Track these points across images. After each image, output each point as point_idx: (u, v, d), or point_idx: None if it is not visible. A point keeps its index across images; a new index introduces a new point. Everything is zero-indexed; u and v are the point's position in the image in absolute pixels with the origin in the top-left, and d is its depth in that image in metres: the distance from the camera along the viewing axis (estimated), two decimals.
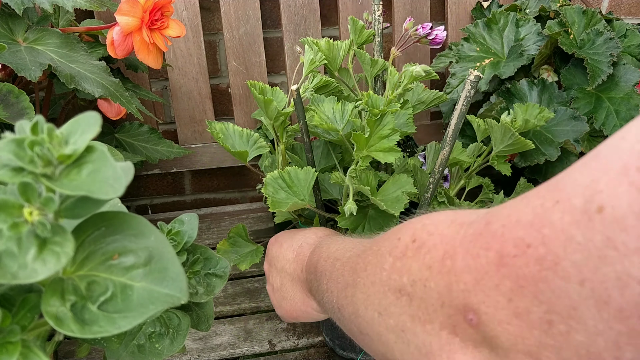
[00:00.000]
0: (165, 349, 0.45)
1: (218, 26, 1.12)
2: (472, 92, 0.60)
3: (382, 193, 0.66)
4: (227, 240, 0.79)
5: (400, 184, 0.66)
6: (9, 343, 0.29)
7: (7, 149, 0.26)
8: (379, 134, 0.63)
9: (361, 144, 0.63)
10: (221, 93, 1.18)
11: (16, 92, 0.65)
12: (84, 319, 0.28)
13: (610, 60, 0.87)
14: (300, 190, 0.68)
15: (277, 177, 0.67)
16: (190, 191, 1.27)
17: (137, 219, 0.32)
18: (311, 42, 0.73)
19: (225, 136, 0.76)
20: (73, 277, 0.30)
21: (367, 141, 0.63)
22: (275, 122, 0.72)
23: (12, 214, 0.27)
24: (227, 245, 0.79)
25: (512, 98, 0.92)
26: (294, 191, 0.67)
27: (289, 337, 0.85)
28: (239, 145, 0.76)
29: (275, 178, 0.67)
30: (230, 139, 0.76)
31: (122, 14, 0.71)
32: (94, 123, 0.28)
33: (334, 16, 1.15)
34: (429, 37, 0.68)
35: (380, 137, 0.63)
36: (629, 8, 1.26)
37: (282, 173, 0.67)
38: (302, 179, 0.68)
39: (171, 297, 0.29)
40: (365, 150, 0.63)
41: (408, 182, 0.65)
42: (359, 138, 0.62)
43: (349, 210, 0.64)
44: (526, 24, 0.96)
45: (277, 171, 0.67)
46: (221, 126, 0.76)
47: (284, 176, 0.67)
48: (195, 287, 0.48)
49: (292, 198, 0.67)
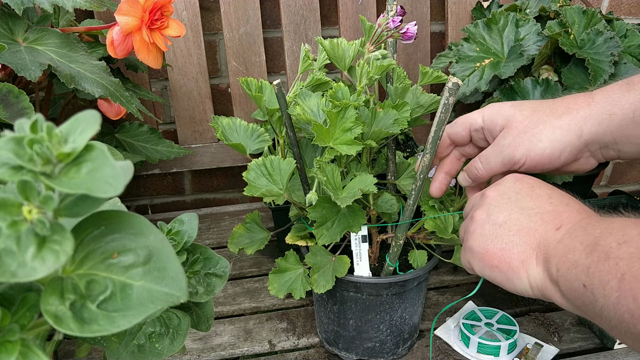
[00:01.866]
0: (165, 348, 0.44)
1: (218, 26, 1.12)
2: (452, 100, 0.58)
3: (347, 189, 0.67)
4: (243, 225, 0.83)
5: (364, 182, 0.66)
6: (8, 342, 0.29)
7: (6, 148, 0.26)
8: (342, 126, 0.64)
9: (323, 135, 0.64)
10: (221, 93, 1.18)
11: (16, 92, 0.65)
12: (83, 318, 0.28)
13: (611, 60, 0.87)
14: (279, 179, 0.69)
15: (261, 164, 0.69)
16: (190, 191, 1.27)
17: (137, 218, 0.32)
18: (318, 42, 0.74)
19: (231, 130, 0.78)
20: (72, 275, 0.30)
21: (329, 133, 0.64)
22: (272, 118, 0.73)
23: (12, 212, 0.27)
24: (243, 229, 0.83)
25: (515, 96, 0.92)
26: (274, 180, 0.69)
27: (289, 337, 0.85)
28: (242, 138, 0.78)
29: (259, 165, 0.69)
30: (235, 134, 0.78)
31: (122, 13, 0.71)
32: (93, 122, 0.28)
33: (334, 16, 1.15)
34: (400, 31, 0.68)
35: (343, 129, 0.64)
36: (629, 8, 1.26)
37: (265, 160, 0.69)
38: (283, 169, 0.69)
39: (171, 296, 0.29)
40: (330, 142, 0.64)
41: (371, 182, 0.66)
42: (319, 129, 0.63)
43: (309, 200, 0.66)
44: (526, 24, 0.96)
45: (261, 158, 0.69)
46: (228, 121, 0.79)
47: (266, 164, 0.69)
48: (195, 287, 0.48)
49: (271, 186, 0.69)
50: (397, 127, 0.68)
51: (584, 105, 0.58)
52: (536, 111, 0.59)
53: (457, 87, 0.57)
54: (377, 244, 0.78)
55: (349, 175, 0.73)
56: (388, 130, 0.68)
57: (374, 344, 0.77)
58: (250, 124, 0.80)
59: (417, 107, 0.74)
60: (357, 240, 0.73)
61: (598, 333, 0.82)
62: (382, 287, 0.72)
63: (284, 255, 0.76)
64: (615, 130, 0.56)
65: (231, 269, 1.00)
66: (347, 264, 0.71)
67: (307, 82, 0.76)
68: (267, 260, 1.03)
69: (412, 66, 1.17)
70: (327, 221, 0.68)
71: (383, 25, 0.67)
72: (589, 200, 0.99)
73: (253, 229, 0.84)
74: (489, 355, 0.78)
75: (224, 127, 0.78)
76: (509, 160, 0.59)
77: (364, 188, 0.65)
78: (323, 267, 0.72)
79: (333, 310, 0.77)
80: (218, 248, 1.08)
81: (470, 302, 0.90)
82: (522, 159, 0.58)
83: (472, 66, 0.95)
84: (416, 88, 0.74)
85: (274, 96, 0.76)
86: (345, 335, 0.78)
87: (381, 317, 0.75)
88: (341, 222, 0.68)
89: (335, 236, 0.68)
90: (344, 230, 0.68)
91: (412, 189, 0.67)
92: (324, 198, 0.67)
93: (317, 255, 0.72)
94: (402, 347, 0.80)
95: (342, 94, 0.67)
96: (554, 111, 0.58)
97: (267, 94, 0.78)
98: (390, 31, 0.67)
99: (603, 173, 1.48)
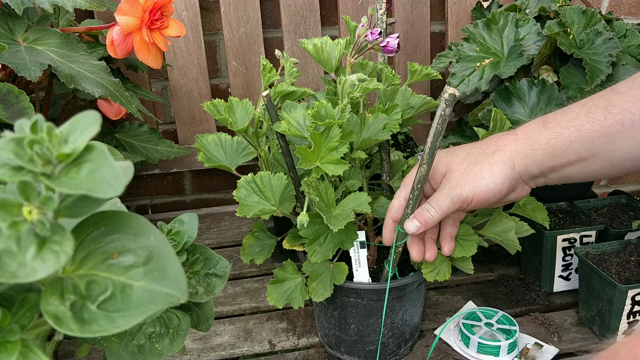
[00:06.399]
0: (165, 349, 0.44)
1: (218, 26, 1.12)
2: (448, 111, 0.58)
3: (340, 207, 0.66)
4: (252, 235, 0.83)
5: (358, 201, 0.66)
6: (8, 342, 0.29)
7: (6, 148, 0.26)
8: (328, 146, 0.62)
9: (308, 156, 0.62)
10: (221, 93, 1.18)
11: (16, 92, 0.65)
12: (84, 318, 0.28)
13: (609, 60, 0.87)
14: (271, 195, 0.68)
15: (250, 180, 0.68)
16: (190, 191, 1.27)
17: (137, 218, 0.32)
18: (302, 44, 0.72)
19: (217, 147, 0.75)
20: (72, 276, 0.30)
21: (315, 153, 0.62)
22: (247, 134, 0.71)
23: (12, 213, 0.27)
24: (252, 239, 0.83)
25: (511, 97, 0.92)
26: (266, 196, 0.68)
27: (289, 337, 0.85)
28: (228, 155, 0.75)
29: (249, 182, 0.68)
30: (221, 150, 0.75)
31: (122, 13, 0.71)
32: (93, 122, 0.28)
33: (334, 16, 1.15)
34: (381, 44, 0.67)
35: (329, 149, 0.62)
36: (629, 8, 1.26)
37: (255, 177, 0.68)
38: (274, 185, 0.68)
39: (171, 296, 0.29)
40: (317, 162, 0.62)
41: (365, 202, 0.65)
42: (304, 152, 0.61)
43: (300, 222, 0.64)
44: (526, 24, 0.96)
45: (250, 175, 0.68)
46: (214, 137, 0.75)
47: (256, 180, 0.68)
48: (195, 287, 0.48)
49: (263, 202, 0.67)
50: (387, 133, 0.67)
51: (510, 142, 0.64)
52: (470, 153, 0.65)
53: (454, 98, 0.57)
54: (375, 247, 0.78)
55: (341, 186, 0.71)
56: (378, 137, 0.66)
57: (376, 346, 0.77)
58: (235, 138, 0.76)
59: (407, 109, 0.73)
60: (356, 247, 0.72)
61: (598, 333, 0.82)
62: (383, 292, 0.71)
63: (288, 258, 0.75)
64: (540, 162, 0.63)
65: (231, 269, 1.00)
66: (345, 271, 0.70)
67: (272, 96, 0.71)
68: (267, 260, 1.02)
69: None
70: (320, 237, 0.67)
71: (362, 38, 0.66)
72: (589, 200, 0.99)
73: (261, 236, 0.83)
74: (489, 355, 0.78)
75: (209, 144, 0.75)
76: (458, 199, 0.63)
77: (357, 208, 0.64)
78: (321, 275, 0.71)
79: (334, 315, 0.77)
80: (218, 248, 1.08)
81: (470, 302, 0.90)
82: (470, 196, 0.63)
83: (472, 66, 0.95)
84: (405, 89, 0.73)
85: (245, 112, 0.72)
86: (347, 340, 0.78)
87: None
88: (334, 238, 0.67)
89: (327, 252, 0.67)
90: (337, 247, 0.67)
91: (410, 198, 0.66)
92: (315, 214, 0.66)
93: (315, 263, 0.71)
94: (403, 347, 0.80)
95: (325, 111, 0.64)
96: (486, 151, 0.65)
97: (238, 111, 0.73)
98: (370, 43, 0.67)
99: None
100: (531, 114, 0.91)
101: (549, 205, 0.97)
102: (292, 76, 0.73)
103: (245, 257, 0.82)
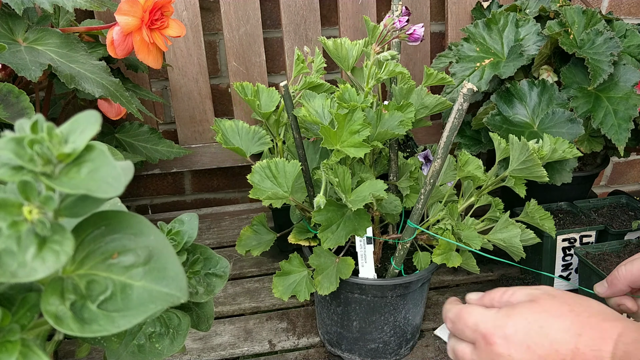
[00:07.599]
0: (165, 348, 0.44)
1: (218, 26, 1.12)
2: (465, 106, 0.58)
3: (356, 193, 0.67)
4: (251, 227, 0.84)
5: (375, 187, 0.66)
6: (8, 342, 0.29)
7: (7, 148, 0.26)
8: (350, 129, 0.64)
9: (331, 137, 0.63)
10: (221, 93, 1.18)
11: (16, 92, 0.65)
12: (84, 318, 0.28)
13: (611, 60, 0.87)
14: (284, 182, 0.69)
15: (265, 166, 0.69)
16: (190, 191, 1.27)
17: (137, 218, 0.32)
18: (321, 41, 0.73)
19: (233, 133, 0.78)
20: (73, 276, 0.30)
21: (337, 135, 0.63)
22: (268, 121, 0.73)
23: (12, 213, 0.27)
24: (250, 231, 0.84)
25: (512, 98, 0.92)
26: (279, 182, 0.69)
27: (289, 337, 0.85)
28: (243, 141, 0.78)
29: (263, 167, 0.69)
30: (237, 136, 0.78)
31: (122, 13, 0.71)
32: (93, 122, 0.28)
33: (334, 16, 1.15)
34: (407, 32, 0.67)
35: (351, 132, 0.64)
36: (629, 8, 1.26)
37: (270, 162, 0.69)
38: (288, 172, 0.69)
39: (171, 296, 0.29)
40: (338, 145, 0.64)
41: (381, 188, 0.66)
42: (327, 131, 0.63)
43: (317, 204, 0.65)
44: (526, 24, 0.96)
45: (266, 160, 0.69)
46: (231, 123, 0.79)
47: (270, 166, 0.69)
48: (195, 287, 0.48)
49: (275, 188, 0.68)
50: (402, 129, 0.68)
51: None
52: None
53: (472, 92, 0.58)
54: (380, 244, 0.78)
55: (355, 177, 0.72)
56: (394, 132, 0.67)
57: (377, 345, 0.77)
58: (252, 127, 0.80)
59: (421, 108, 0.74)
60: (362, 242, 0.73)
61: None
62: (388, 289, 0.72)
63: (287, 258, 0.75)
64: None
65: (231, 269, 1.00)
66: (351, 265, 0.70)
67: (301, 86, 0.75)
68: (267, 260, 1.03)
69: (412, 66, 1.17)
70: (332, 224, 0.67)
71: (389, 26, 0.67)
72: (589, 200, 0.99)
73: (260, 230, 0.84)
74: None
75: (226, 129, 0.78)
76: None
77: (374, 193, 0.65)
78: (327, 269, 0.71)
79: (337, 311, 0.77)
80: (218, 248, 1.08)
81: None
82: None
83: (472, 66, 0.95)
84: (421, 89, 0.74)
85: (270, 99, 0.76)
86: (349, 337, 0.78)
87: (385, 318, 0.75)
88: (346, 225, 0.68)
89: (340, 239, 0.67)
90: (350, 234, 0.68)
91: (422, 193, 0.66)
92: (330, 201, 0.67)
93: (321, 256, 0.72)
94: (404, 347, 0.80)
95: (349, 95, 0.66)
96: None
97: (263, 97, 0.78)
98: (397, 32, 0.67)
99: (603, 173, 1.48)
100: (533, 114, 0.91)
101: (549, 205, 0.97)
102: (319, 72, 0.77)
103: (240, 248, 0.82)
